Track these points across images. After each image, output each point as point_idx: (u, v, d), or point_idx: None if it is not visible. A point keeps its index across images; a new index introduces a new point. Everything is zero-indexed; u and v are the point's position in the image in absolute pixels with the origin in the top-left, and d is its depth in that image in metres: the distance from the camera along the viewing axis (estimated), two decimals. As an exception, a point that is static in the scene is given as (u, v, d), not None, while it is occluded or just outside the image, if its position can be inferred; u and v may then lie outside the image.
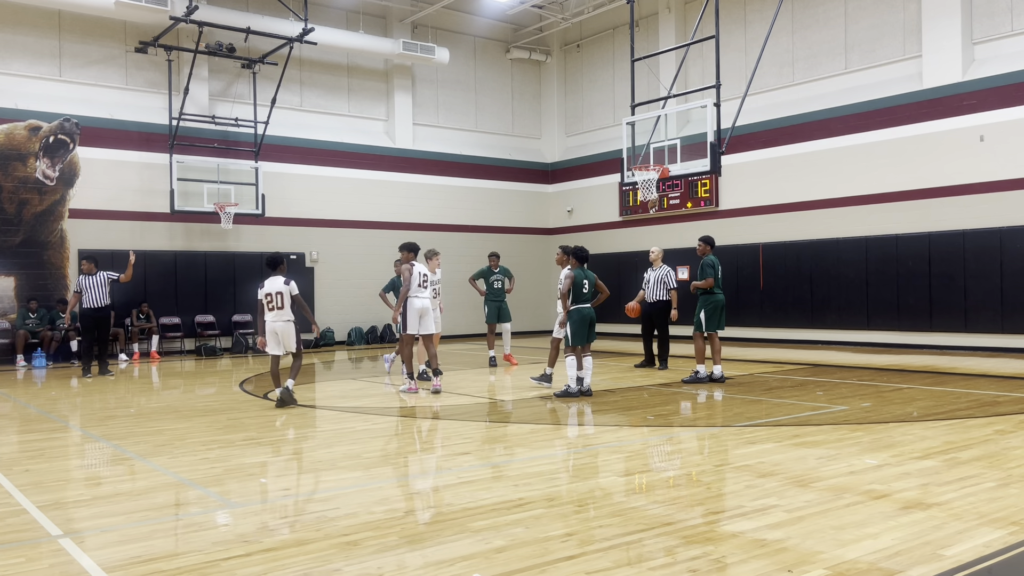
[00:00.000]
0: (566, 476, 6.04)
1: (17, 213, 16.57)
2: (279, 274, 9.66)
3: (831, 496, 5.17)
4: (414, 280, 10.60)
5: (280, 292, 9.49)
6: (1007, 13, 15.46)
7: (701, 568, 3.90)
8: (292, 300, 9.55)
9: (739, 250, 18.91)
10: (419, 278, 10.64)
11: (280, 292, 9.49)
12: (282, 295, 9.49)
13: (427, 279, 10.71)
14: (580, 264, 10.16)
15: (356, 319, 20.58)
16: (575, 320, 10.04)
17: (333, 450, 7.21)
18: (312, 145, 20.43)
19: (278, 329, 9.55)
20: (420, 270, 10.67)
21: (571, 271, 10.11)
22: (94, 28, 17.90)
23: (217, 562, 4.09)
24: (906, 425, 7.75)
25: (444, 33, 22.65)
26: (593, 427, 8.29)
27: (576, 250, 10.22)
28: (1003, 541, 4.23)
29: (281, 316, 9.53)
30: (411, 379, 10.90)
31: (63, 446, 7.67)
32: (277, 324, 9.54)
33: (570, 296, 10.09)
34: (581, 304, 10.08)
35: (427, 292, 10.71)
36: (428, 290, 10.74)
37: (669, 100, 15.88)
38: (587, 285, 10.07)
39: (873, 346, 16.68)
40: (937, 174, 16.00)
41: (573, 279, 10.03)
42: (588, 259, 10.28)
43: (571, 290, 10.06)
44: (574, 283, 10.03)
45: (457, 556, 4.13)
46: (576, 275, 10.05)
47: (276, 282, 9.56)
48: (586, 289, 10.06)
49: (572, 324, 10.06)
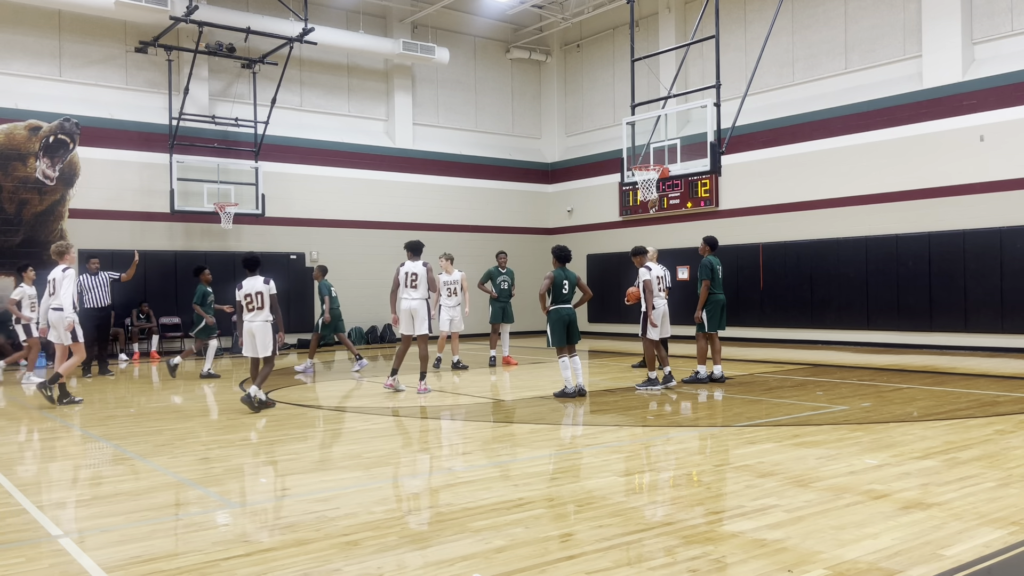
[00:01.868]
0: (566, 476, 6.04)
1: (17, 213, 16.57)
2: (258, 274, 9.49)
3: (831, 496, 5.17)
4: (402, 280, 10.63)
5: (260, 292, 9.32)
6: (1007, 13, 15.47)
7: (701, 568, 3.90)
8: (270, 301, 9.35)
9: (739, 250, 18.91)
10: (406, 278, 10.62)
11: (260, 292, 9.32)
12: (262, 295, 9.31)
13: (415, 278, 10.61)
14: (562, 264, 10.04)
15: (356, 319, 20.57)
16: (554, 321, 9.89)
17: (333, 450, 7.21)
18: (312, 145, 20.43)
19: (255, 330, 9.34)
20: (406, 269, 10.65)
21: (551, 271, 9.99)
22: (94, 28, 17.91)
23: (217, 562, 4.09)
24: (906, 425, 7.75)
25: (444, 33, 22.65)
26: (593, 427, 8.29)
27: (557, 250, 10.09)
28: (1003, 541, 4.23)
29: (259, 316, 9.34)
30: (392, 375, 10.86)
31: (63, 446, 7.67)
32: (255, 324, 9.34)
33: (550, 296, 9.94)
34: (561, 305, 9.94)
35: (416, 292, 10.58)
36: (417, 290, 10.58)
37: (669, 100, 15.88)
38: (567, 285, 9.93)
39: (873, 346, 16.68)
40: (937, 174, 16.00)
41: (553, 279, 9.86)
42: (570, 259, 10.16)
43: (550, 290, 9.90)
44: (554, 283, 9.86)
45: (457, 556, 4.13)
46: (556, 275, 9.89)
47: (255, 282, 9.39)
48: (566, 289, 9.92)
49: (551, 325, 9.92)
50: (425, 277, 10.59)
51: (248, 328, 9.38)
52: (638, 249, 11.15)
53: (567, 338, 9.91)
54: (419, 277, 10.59)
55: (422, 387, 10.69)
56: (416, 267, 10.64)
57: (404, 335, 10.80)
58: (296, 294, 19.82)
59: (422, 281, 10.58)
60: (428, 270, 10.63)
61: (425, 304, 10.60)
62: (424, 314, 10.57)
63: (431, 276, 10.62)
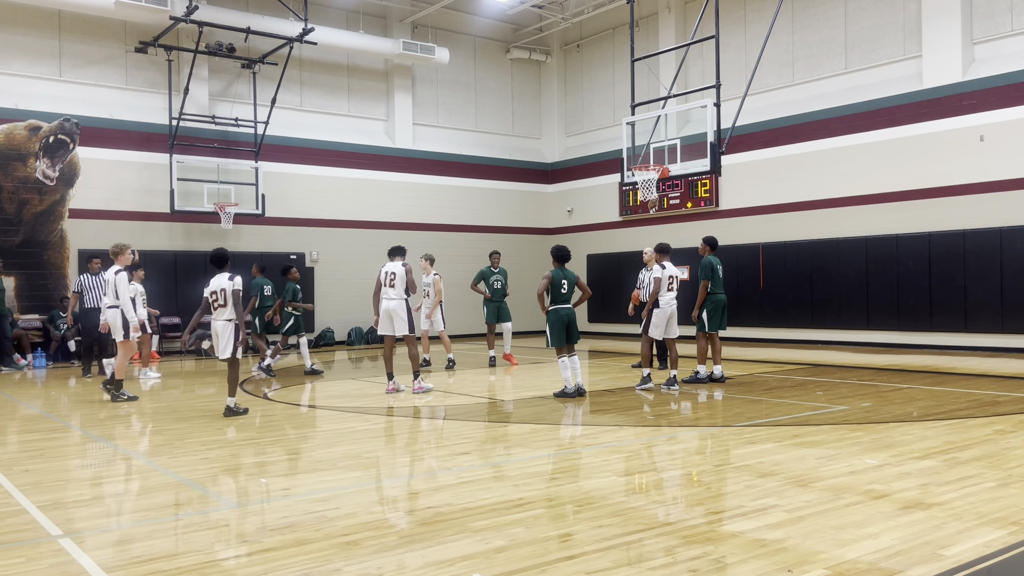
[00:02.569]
0: (566, 476, 6.04)
1: (17, 213, 16.57)
2: (225, 271, 9.16)
3: (831, 496, 5.17)
4: (382, 280, 10.66)
5: (223, 289, 8.95)
6: (1007, 13, 15.46)
7: (701, 568, 3.90)
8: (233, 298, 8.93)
9: (739, 250, 18.91)
10: (385, 278, 10.64)
11: (223, 289, 8.95)
12: (224, 292, 8.95)
13: (393, 277, 10.60)
14: (560, 264, 10.04)
15: (356, 319, 20.57)
16: (553, 321, 9.89)
17: (333, 450, 7.21)
18: (312, 145, 20.43)
19: (218, 329, 9.01)
20: (386, 269, 10.70)
21: (549, 271, 10.00)
22: (94, 28, 17.91)
23: (217, 562, 4.09)
24: (906, 425, 7.75)
25: (444, 33, 22.65)
26: (593, 427, 8.28)
27: (556, 250, 10.09)
28: (1003, 541, 4.23)
29: (222, 315, 8.97)
30: (389, 379, 10.90)
31: (63, 446, 7.67)
32: (218, 324, 9.01)
33: (548, 296, 9.95)
34: (560, 304, 9.93)
35: (394, 292, 10.59)
36: (395, 289, 10.58)
37: (669, 100, 15.88)
38: (566, 285, 9.93)
39: (873, 346, 16.68)
40: (937, 174, 15.99)
41: (551, 279, 9.87)
42: (569, 258, 10.16)
43: (549, 290, 9.90)
44: (552, 283, 9.86)
45: (457, 556, 4.13)
46: (555, 275, 9.89)
47: (221, 279, 9.04)
48: (564, 289, 9.91)
49: (550, 326, 9.92)
50: (403, 277, 10.59)
51: (213, 327, 9.11)
52: (662, 247, 11.17)
53: (567, 338, 9.91)
54: (397, 277, 10.61)
55: (416, 386, 10.70)
56: (395, 267, 10.68)
57: (385, 336, 10.85)
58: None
59: (400, 281, 10.59)
60: (407, 271, 10.62)
61: (404, 304, 10.61)
62: (403, 314, 10.59)
63: (410, 277, 10.61)
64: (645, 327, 10.71)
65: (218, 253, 9.31)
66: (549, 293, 9.93)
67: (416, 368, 10.85)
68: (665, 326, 10.72)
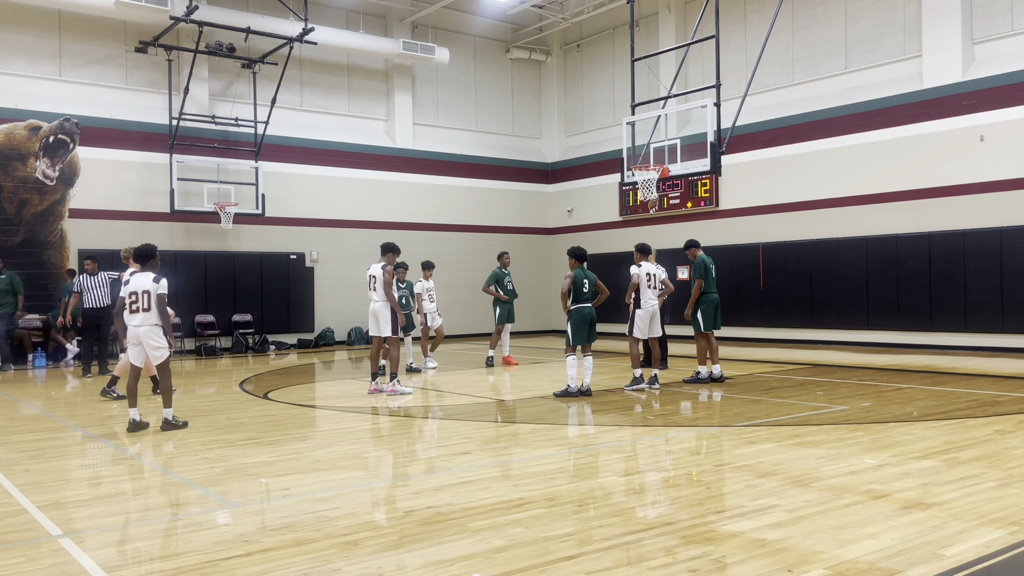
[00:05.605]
0: (566, 476, 6.04)
1: (17, 213, 16.57)
2: (149, 269, 8.22)
3: (831, 496, 5.17)
4: (367, 281, 10.77)
5: (147, 291, 8.01)
6: (1007, 13, 15.46)
7: (701, 568, 3.90)
8: (158, 302, 8.04)
9: (739, 250, 18.90)
10: (369, 280, 10.74)
11: (147, 291, 8.01)
12: (148, 294, 8.01)
13: (374, 280, 10.65)
14: (579, 263, 10.18)
15: (356, 319, 20.55)
16: (575, 320, 10.06)
17: (333, 450, 7.21)
18: (312, 145, 20.43)
19: (141, 335, 8.05)
20: (369, 271, 10.79)
21: (571, 271, 10.13)
22: (94, 28, 17.90)
23: (217, 562, 4.09)
24: (906, 425, 7.75)
25: (444, 33, 22.65)
26: (593, 427, 8.29)
27: (575, 250, 10.23)
28: (1003, 541, 4.23)
29: (147, 320, 8.04)
30: (372, 379, 10.91)
31: (63, 446, 7.66)
32: (141, 329, 8.04)
33: (571, 296, 10.10)
34: (582, 304, 10.09)
35: (376, 294, 10.65)
36: (377, 291, 10.63)
37: (669, 100, 15.87)
38: (587, 285, 10.09)
39: (873, 346, 16.67)
40: (937, 174, 15.99)
41: (574, 279, 10.04)
42: (587, 258, 10.28)
43: (571, 290, 10.07)
44: (574, 283, 10.04)
45: (457, 556, 4.13)
46: (576, 275, 10.07)
47: (143, 279, 8.07)
48: (586, 289, 10.08)
49: (572, 324, 10.08)
50: (382, 279, 10.56)
51: (133, 333, 8.07)
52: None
53: (587, 336, 10.03)
54: (376, 279, 10.63)
55: (391, 388, 10.69)
56: (375, 269, 10.71)
57: (373, 336, 10.88)
58: (296, 294, 19.83)
59: (379, 283, 10.58)
60: (386, 272, 10.60)
61: (387, 306, 10.58)
62: (386, 316, 10.56)
63: (387, 279, 10.57)
64: (629, 328, 10.77)
65: (144, 248, 8.40)
66: (571, 292, 10.05)
67: (394, 370, 10.79)
68: (648, 326, 10.75)
